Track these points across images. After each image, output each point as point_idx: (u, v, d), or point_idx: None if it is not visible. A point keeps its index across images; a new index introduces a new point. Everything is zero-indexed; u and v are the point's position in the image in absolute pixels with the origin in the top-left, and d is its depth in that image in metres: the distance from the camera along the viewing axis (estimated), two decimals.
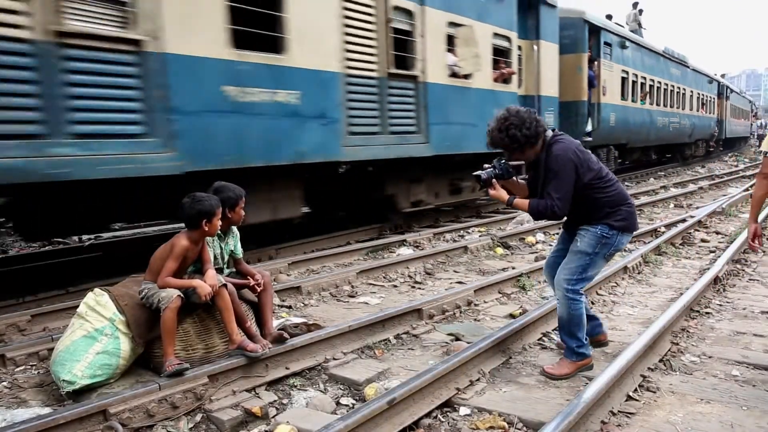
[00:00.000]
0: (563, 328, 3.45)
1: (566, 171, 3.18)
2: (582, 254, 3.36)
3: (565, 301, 3.37)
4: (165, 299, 3.22)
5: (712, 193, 13.71)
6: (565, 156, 3.19)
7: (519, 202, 3.36)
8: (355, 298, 5.30)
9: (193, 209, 3.30)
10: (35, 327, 4.43)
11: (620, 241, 3.36)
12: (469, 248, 7.08)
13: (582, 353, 3.41)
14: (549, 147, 3.24)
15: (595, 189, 3.27)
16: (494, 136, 3.29)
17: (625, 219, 3.33)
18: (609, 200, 3.30)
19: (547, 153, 3.23)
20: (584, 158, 3.26)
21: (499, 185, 3.38)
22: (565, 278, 3.38)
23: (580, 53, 12.68)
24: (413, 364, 3.67)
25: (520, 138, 3.21)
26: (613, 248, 3.37)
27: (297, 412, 3.02)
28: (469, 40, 8.67)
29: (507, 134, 3.22)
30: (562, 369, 3.41)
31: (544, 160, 3.24)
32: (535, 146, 3.28)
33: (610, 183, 3.33)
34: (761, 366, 3.51)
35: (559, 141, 3.26)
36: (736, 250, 6.37)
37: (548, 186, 3.21)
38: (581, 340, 3.40)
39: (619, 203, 3.33)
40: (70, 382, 3.13)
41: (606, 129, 13.78)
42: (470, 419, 2.94)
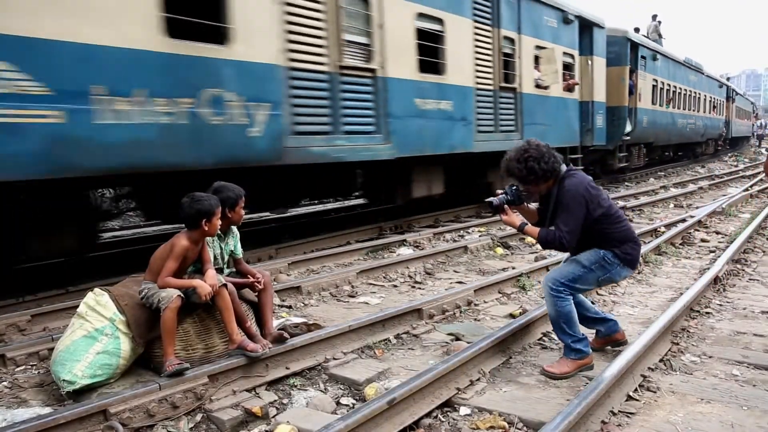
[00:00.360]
0: (555, 326, 3.51)
1: (577, 205, 3.28)
2: (578, 264, 3.46)
3: (551, 299, 3.44)
4: (165, 299, 3.22)
5: (712, 193, 13.71)
6: (577, 191, 3.29)
7: (530, 230, 3.44)
8: (355, 298, 5.30)
9: (193, 209, 3.30)
10: (35, 327, 4.43)
11: (619, 272, 3.47)
12: (469, 248, 7.08)
13: (578, 349, 3.42)
14: (562, 181, 3.35)
15: (604, 224, 3.38)
16: (511, 166, 3.36)
17: (629, 254, 3.45)
18: (617, 235, 3.42)
19: (560, 187, 3.34)
20: (595, 194, 3.35)
21: (510, 211, 3.47)
22: (553, 278, 3.46)
23: (623, 66, 15.25)
24: (413, 364, 3.67)
25: (538, 171, 3.30)
26: (609, 275, 3.47)
27: (297, 412, 3.02)
28: (550, 59, 11.25)
29: (525, 165, 3.31)
30: (561, 367, 3.42)
31: (556, 194, 3.34)
32: (548, 181, 3.37)
33: (619, 220, 3.44)
34: (761, 366, 3.51)
35: (572, 176, 3.36)
36: (736, 250, 6.38)
37: (558, 218, 3.31)
38: (575, 335, 3.43)
39: (627, 240, 3.45)
40: (71, 381, 3.13)
41: (640, 130, 16.26)
42: (470, 419, 2.94)
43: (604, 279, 3.50)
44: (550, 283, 3.45)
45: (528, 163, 3.30)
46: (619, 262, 3.43)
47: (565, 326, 3.43)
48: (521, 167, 3.32)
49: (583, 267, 3.44)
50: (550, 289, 3.43)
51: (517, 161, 3.33)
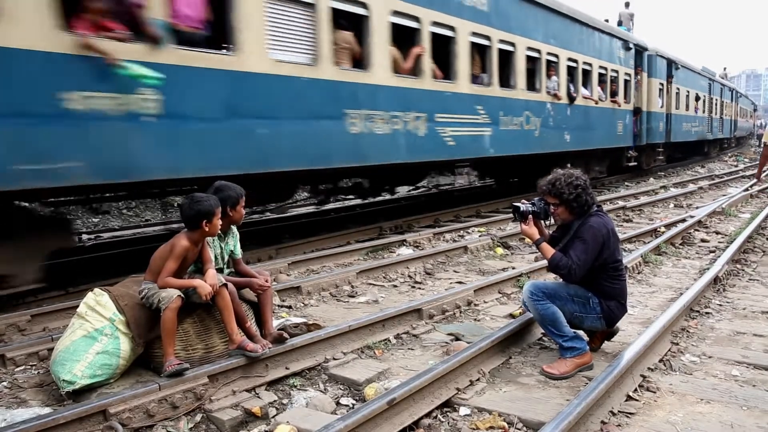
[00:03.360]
0: (544, 329, 3.59)
1: (595, 243, 3.37)
2: (564, 288, 3.54)
3: (531, 303, 3.53)
4: (165, 299, 3.22)
5: (712, 193, 13.71)
6: (599, 231, 3.38)
7: (545, 248, 3.50)
8: (355, 298, 5.30)
9: (193, 210, 3.30)
10: (35, 327, 4.43)
11: (593, 320, 3.55)
12: (469, 248, 7.08)
13: (572, 347, 3.44)
14: (588, 216, 3.42)
15: (605, 273, 3.47)
16: (559, 185, 3.42)
17: (612, 311, 3.54)
18: (611, 290, 3.51)
19: (585, 221, 3.41)
20: (613, 241, 3.45)
21: (532, 222, 3.54)
22: (532, 283, 3.58)
23: (661, 78, 18.46)
24: (413, 364, 3.67)
25: (582, 199, 3.41)
26: (583, 317, 3.54)
27: (297, 412, 3.02)
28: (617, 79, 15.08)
29: (575, 190, 3.38)
30: (560, 367, 3.42)
31: (578, 227, 3.41)
32: (577, 215, 3.45)
33: (620, 276, 3.54)
34: (761, 366, 3.51)
35: (599, 216, 3.46)
36: (736, 250, 6.37)
37: (573, 249, 3.37)
38: (565, 334, 3.47)
39: (617, 296, 3.54)
40: (70, 382, 3.13)
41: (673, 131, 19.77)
42: (470, 419, 2.94)
43: (577, 317, 3.55)
44: (530, 289, 3.54)
45: (578, 189, 3.39)
46: (599, 312, 3.50)
47: (552, 327, 3.48)
48: (570, 191, 3.39)
49: (568, 294, 3.51)
50: (530, 293, 3.51)
51: (568, 184, 3.40)
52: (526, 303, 3.59)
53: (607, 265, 3.46)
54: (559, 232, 3.64)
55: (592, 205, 3.46)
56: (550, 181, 3.49)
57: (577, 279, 3.40)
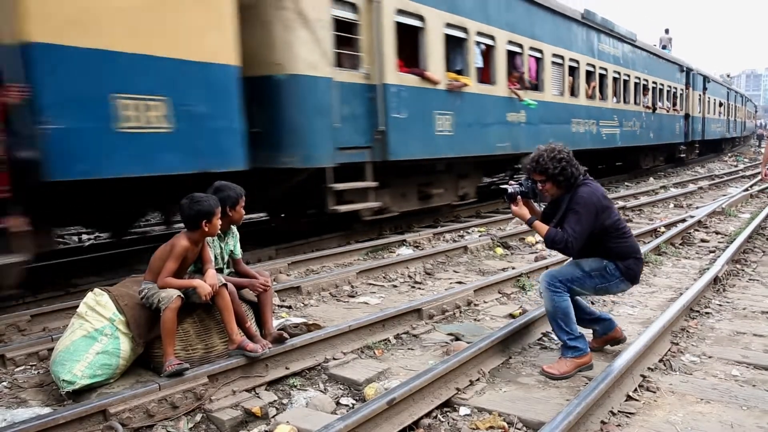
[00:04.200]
0: (552, 322, 3.52)
1: (587, 212, 3.33)
2: (578, 268, 3.50)
3: (547, 293, 3.47)
4: (165, 299, 3.22)
5: (712, 193, 13.71)
6: (590, 199, 3.35)
7: (538, 225, 3.47)
8: (355, 298, 5.30)
9: (192, 210, 3.29)
10: (35, 327, 4.43)
11: (617, 285, 3.52)
12: (469, 248, 7.08)
13: (575, 347, 3.42)
14: (577, 188, 3.39)
15: (610, 236, 3.44)
16: (542, 162, 3.38)
17: (631, 269, 3.50)
18: (620, 249, 3.49)
19: (575, 193, 3.39)
20: (606, 206, 3.42)
21: (522, 203, 3.51)
22: (549, 274, 3.52)
23: (699, 91, 24.44)
24: (413, 364, 3.67)
25: (567, 173, 3.37)
26: (607, 285, 3.52)
27: (297, 412, 3.02)
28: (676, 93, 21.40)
29: (559, 164, 3.35)
30: (560, 367, 3.41)
31: (569, 199, 3.38)
32: (566, 188, 3.42)
33: (625, 235, 3.50)
34: (761, 366, 3.51)
35: (587, 184, 3.42)
36: (736, 250, 6.37)
37: (567, 222, 3.34)
38: (572, 333, 3.44)
39: (630, 254, 3.50)
40: (70, 382, 3.13)
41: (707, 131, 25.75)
42: (470, 419, 2.94)
43: (601, 288, 3.54)
44: (547, 279, 3.48)
45: (562, 163, 3.35)
46: (620, 275, 3.47)
47: (562, 322, 3.44)
48: (555, 165, 3.35)
49: (583, 271, 3.48)
50: (547, 284, 3.46)
51: (551, 159, 3.36)
52: (542, 293, 3.53)
53: (608, 228, 3.41)
54: (550, 208, 3.59)
55: (579, 176, 3.42)
56: (533, 159, 3.45)
57: (576, 251, 3.35)
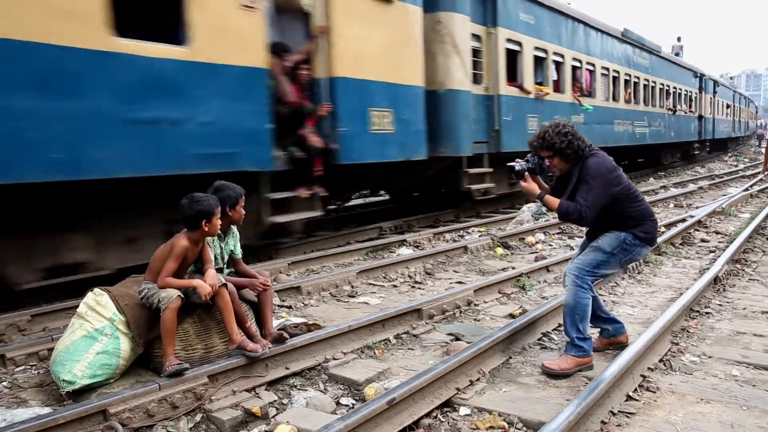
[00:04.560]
0: (567, 317, 3.48)
1: (599, 182, 3.34)
2: (599, 251, 3.48)
3: (573, 288, 3.45)
4: (165, 299, 3.22)
5: (712, 193, 13.71)
6: (599, 169, 3.36)
7: (549, 200, 3.47)
8: (355, 298, 5.30)
9: (192, 210, 3.29)
10: (35, 327, 4.43)
11: (639, 252, 3.52)
12: (469, 248, 7.08)
13: (581, 347, 3.42)
14: (585, 159, 3.40)
15: (622, 203, 3.44)
16: (549, 137, 3.39)
17: (648, 232, 3.50)
18: (635, 213, 3.47)
19: (583, 164, 3.39)
20: (616, 174, 3.43)
21: (531, 179, 3.51)
22: (577, 267, 3.49)
23: (710, 94, 27.50)
24: (413, 364, 3.67)
25: (574, 146, 3.38)
26: (630, 256, 3.51)
27: (297, 412, 3.02)
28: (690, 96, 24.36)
29: (565, 139, 3.36)
30: (561, 364, 3.41)
31: (579, 171, 3.40)
32: (573, 161, 3.43)
33: (637, 199, 3.51)
34: (761, 366, 3.51)
35: (595, 155, 3.44)
36: (736, 250, 6.37)
37: (579, 193, 3.34)
38: (583, 332, 3.43)
39: (645, 217, 3.50)
40: (70, 382, 3.13)
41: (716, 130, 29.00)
42: (470, 419, 2.94)
43: (626, 260, 3.55)
44: (574, 272, 3.46)
45: (567, 137, 3.36)
46: (639, 242, 3.47)
47: (578, 319, 3.42)
48: (561, 139, 3.36)
49: (605, 253, 3.46)
50: (575, 278, 3.44)
51: (557, 134, 3.37)
52: (567, 286, 3.51)
53: (621, 194, 3.42)
54: (558, 184, 3.60)
55: (585, 149, 3.42)
56: (539, 136, 3.45)
57: (590, 220, 3.35)
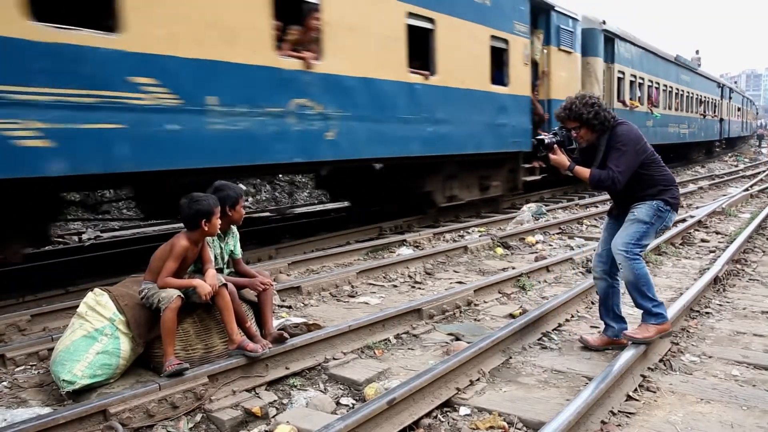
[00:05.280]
0: (635, 291, 3.52)
1: (630, 148, 3.41)
2: (639, 222, 3.51)
3: (627, 263, 3.47)
4: (165, 299, 3.22)
5: (712, 193, 13.72)
6: (628, 136, 3.44)
7: (580, 170, 3.51)
8: (355, 298, 5.30)
9: (192, 209, 3.30)
10: (35, 327, 4.42)
11: (670, 217, 3.59)
12: (469, 248, 7.08)
13: (659, 313, 3.49)
14: (614, 128, 3.47)
15: (650, 168, 3.50)
16: (576, 108, 3.45)
17: (675, 198, 3.57)
18: (662, 178, 3.54)
19: (612, 133, 3.47)
20: (643, 142, 3.50)
21: (560, 151, 3.56)
22: (623, 242, 3.51)
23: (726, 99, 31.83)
24: (413, 364, 3.67)
25: (602, 117, 3.44)
26: (665, 223, 3.57)
27: (297, 412, 3.02)
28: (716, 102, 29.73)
29: (593, 109, 3.41)
30: (644, 333, 3.48)
31: (608, 139, 3.46)
32: (600, 132, 3.48)
33: (661, 164, 3.57)
34: (761, 366, 3.51)
35: (623, 124, 3.51)
36: (736, 250, 6.37)
37: (610, 160, 3.41)
38: (655, 299, 3.51)
39: (671, 183, 3.59)
40: (70, 382, 3.13)
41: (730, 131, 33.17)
42: (470, 419, 2.94)
43: (661, 228, 3.59)
44: (623, 249, 3.48)
45: (594, 107, 3.41)
46: (669, 208, 3.52)
47: (645, 289, 3.48)
48: (588, 110, 3.41)
49: (645, 223, 3.48)
50: (626, 254, 3.46)
51: (584, 105, 3.43)
52: (621, 264, 3.50)
53: (648, 161, 3.48)
54: (581, 157, 3.63)
55: (611, 119, 3.47)
56: (565, 107, 3.50)
57: (622, 186, 3.39)
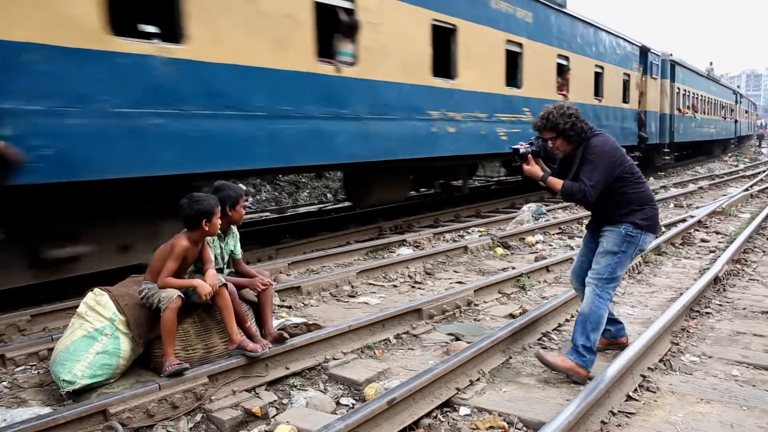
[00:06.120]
0: (579, 323, 3.43)
1: (603, 161, 3.32)
2: (609, 254, 3.42)
3: (592, 297, 3.40)
4: (165, 299, 3.22)
5: (712, 193, 13.71)
6: (603, 148, 3.35)
7: (552, 181, 3.46)
8: (355, 298, 5.30)
9: (192, 209, 3.30)
10: (35, 327, 4.43)
11: (644, 240, 3.45)
12: (469, 248, 7.08)
13: (583, 356, 3.33)
14: (588, 140, 3.39)
15: (625, 183, 3.40)
16: (553, 118, 3.38)
17: (648, 219, 3.42)
18: (636, 197, 3.42)
19: (587, 144, 3.38)
20: (619, 154, 3.41)
21: (534, 161, 3.52)
22: (596, 276, 3.44)
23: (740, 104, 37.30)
24: (413, 364, 3.67)
25: (578, 128, 3.36)
26: (638, 247, 3.45)
27: (297, 412, 3.02)
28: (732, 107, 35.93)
29: (569, 119, 3.34)
30: (556, 360, 3.38)
31: (582, 151, 3.38)
32: (576, 143, 3.41)
33: (639, 181, 3.46)
34: (761, 366, 3.51)
35: (598, 135, 3.42)
36: (736, 250, 6.37)
37: (583, 172, 3.33)
38: (591, 343, 3.35)
39: (645, 202, 3.44)
40: (70, 382, 3.13)
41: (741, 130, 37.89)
42: (470, 419, 2.94)
43: (636, 252, 3.49)
44: (594, 282, 3.42)
45: (571, 118, 3.35)
46: (640, 230, 3.40)
47: (590, 328, 3.35)
48: (565, 120, 3.34)
49: (614, 253, 3.41)
50: (595, 287, 3.40)
51: (561, 115, 3.36)
52: (587, 293, 3.43)
53: (624, 175, 3.37)
54: (561, 168, 3.57)
55: (588, 130, 3.39)
56: (542, 117, 3.43)
57: (594, 199, 3.31)
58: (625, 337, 3.75)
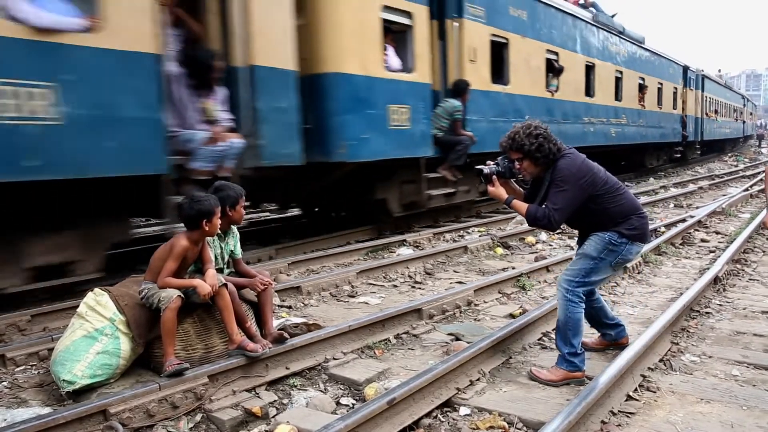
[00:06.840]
0: (559, 332, 3.37)
1: (569, 185, 3.19)
2: (586, 257, 3.34)
3: (564, 303, 3.33)
4: (165, 299, 3.22)
5: (712, 193, 13.71)
6: (569, 170, 3.21)
7: (517, 204, 3.35)
8: (355, 298, 5.30)
9: (193, 209, 3.30)
10: (35, 327, 4.42)
11: (629, 250, 3.32)
12: (469, 248, 7.08)
13: (572, 362, 3.29)
14: (556, 161, 3.26)
15: (602, 200, 3.27)
16: (519, 139, 3.25)
17: (635, 228, 3.31)
18: (617, 210, 3.29)
19: (554, 167, 3.25)
20: (588, 171, 3.26)
21: (499, 183, 3.40)
22: (566, 279, 3.36)
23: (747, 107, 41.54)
24: (413, 364, 3.67)
25: (545, 150, 3.22)
26: (621, 257, 3.33)
27: (297, 412, 3.02)
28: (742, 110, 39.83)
29: (536, 141, 3.21)
30: (550, 375, 3.32)
31: (550, 174, 3.26)
32: (544, 165, 3.29)
33: (618, 193, 3.31)
34: (761, 366, 3.51)
35: (566, 156, 3.27)
36: (736, 250, 6.37)
37: (549, 196, 3.22)
38: (574, 348, 3.30)
39: (630, 213, 3.32)
40: (70, 382, 3.13)
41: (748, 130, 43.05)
42: (470, 419, 2.94)
43: (617, 262, 3.35)
44: (564, 285, 3.33)
45: (538, 139, 3.21)
46: (626, 240, 3.28)
47: (570, 335, 3.29)
48: (531, 141, 3.21)
49: (592, 258, 3.31)
50: (565, 291, 3.32)
51: (528, 135, 3.22)
52: (559, 300, 3.38)
53: (599, 192, 3.24)
54: (532, 189, 3.47)
55: (556, 152, 3.24)
56: (509, 137, 3.30)
57: (559, 225, 3.21)
58: (625, 338, 3.75)
